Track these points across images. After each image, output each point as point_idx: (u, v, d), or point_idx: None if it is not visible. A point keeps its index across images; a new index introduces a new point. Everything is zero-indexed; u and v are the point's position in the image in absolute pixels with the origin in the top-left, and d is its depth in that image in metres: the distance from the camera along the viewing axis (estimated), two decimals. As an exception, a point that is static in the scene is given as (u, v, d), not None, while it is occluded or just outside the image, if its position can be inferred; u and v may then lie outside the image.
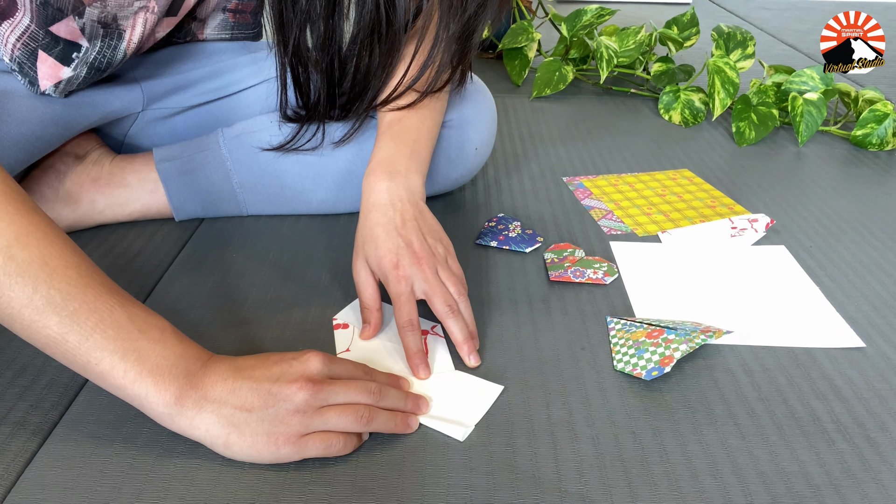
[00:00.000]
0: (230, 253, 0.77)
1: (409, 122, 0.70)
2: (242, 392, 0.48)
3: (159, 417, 0.48)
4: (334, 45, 0.69)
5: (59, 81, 0.71)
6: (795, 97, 1.14)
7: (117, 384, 0.46)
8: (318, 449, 0.49)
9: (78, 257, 0.47)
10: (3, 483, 0.49)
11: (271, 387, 0.48)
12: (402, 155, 0.68)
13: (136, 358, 0.46)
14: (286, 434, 0.48)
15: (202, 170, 0.81)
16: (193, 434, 0.48)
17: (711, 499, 0.49)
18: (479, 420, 0.55)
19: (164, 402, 0.47)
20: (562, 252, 0.79)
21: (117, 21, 0.68)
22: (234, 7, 0.85)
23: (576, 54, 1.42)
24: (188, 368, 0.48)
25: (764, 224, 0.83)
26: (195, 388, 0.48)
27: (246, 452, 0.48)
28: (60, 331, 0.45)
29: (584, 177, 1.00)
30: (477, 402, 0.57)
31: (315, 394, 0.49)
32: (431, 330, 0.65)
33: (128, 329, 0.46)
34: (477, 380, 0.59)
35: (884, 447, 0.54)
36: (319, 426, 0.49)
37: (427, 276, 0.61)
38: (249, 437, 0.48)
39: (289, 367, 0.50)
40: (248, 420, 0.48)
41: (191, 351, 0.49)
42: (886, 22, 1.94)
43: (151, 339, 0.47)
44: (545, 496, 0.49)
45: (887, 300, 0.73)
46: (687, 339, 0.61)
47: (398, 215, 0.63)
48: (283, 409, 0.48)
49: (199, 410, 0.47)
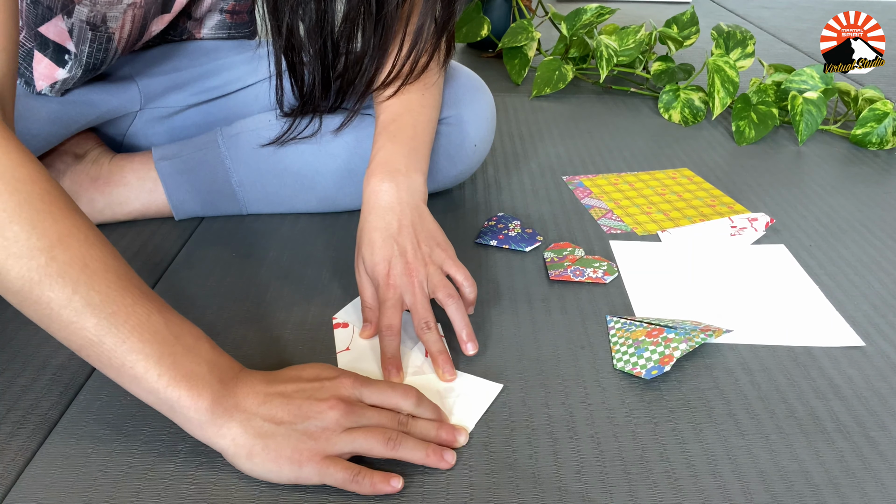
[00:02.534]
0: (230, 252, 0.77)
1: (405, 120, 0.70)
2: (274, 405, 0.48)
3: (188, 423, 0.47)
4: (326, 26, 0.70)
5: (55, 82, 0.71)
6: (795, 96, 1.14)
7: (150, 388, 0.46)
8: (341, 477, 0.47)
9: (117, 261, 0.47)
10: (4, 482, 0.49)
11: (303, 403, 0.48)
12: (402, 154, 0.68)
13: (172, 363, 0.46)
14: (311, 451, 0.47)
15: (201, 168, 0.81)
16: (219, 444, 0.47)
17: (711, 497, 0.49)
18: (478, 419, 0.55)
19: (197, 407, 0.46)
20: (561, 251, 0.79)
21: (106, 23, 0.68)
22: (231, 8, 0.85)
23: (576, 53, 1.42)
24: (222, 377, 0.48)
25: (764, 223, 0.83)
26: (228, 397, 0.47)
27: (267, 467, 0.47)
28: (97, 333, 0.45)
29: (583, 176, 1.00)
30: (476, 401, 0.57)
31: (346, 414, 0.48)
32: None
33: (164, 334, 0.46)
34: (476, 379, 0.59)
35: (883, 446, 0.54)
36: (346, 447, 0.48)
37: (414, 290, 0.61)
38: (274, 451, 0.47)
39: (321, 386, 0.50)
40: (275, 433, 0.47)
41: (224, 361, 0.49)
42: (886, 22, 1.94)
43: (186, 346, 0.47)
44: (545, 495, 0.49)
45: (887, 299, 0.73)
46: (686, 338, 0.61)
47: (396, 220, 0.64)
48: (313, 425, 0.48)
49: (228, 419, 0.47)
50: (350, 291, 0.71)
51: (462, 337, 0.61)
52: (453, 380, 0.59)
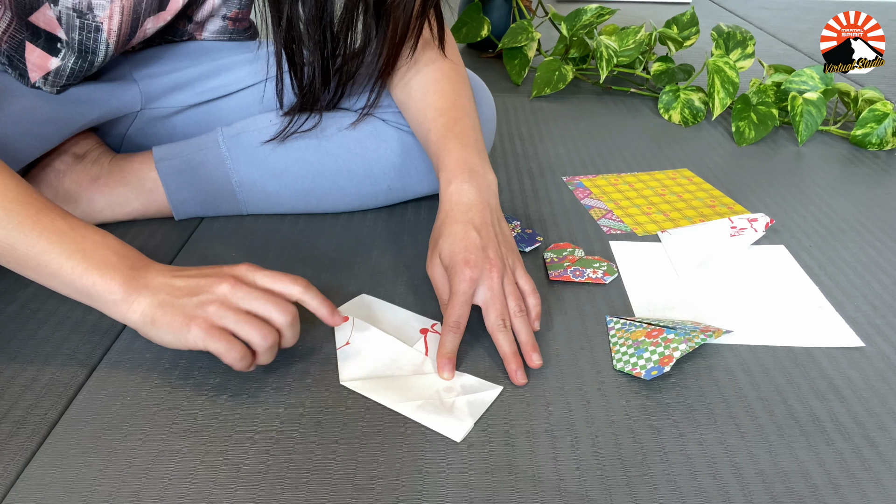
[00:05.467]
0: (230, 252, 0.77)
1: (464, 124, 0.71)
2: (177, 282, 0.55)
3: (105, 306, 0.54)
4: (326, 16, 0.70)
5: (48, 72, 0.71)
6: (795, 97, 1.14)
7: (66, 280, 0.53)
8: (220, 346, 0.53)
9: (17, 184, 0.54)
10: (3, 482, 0.49)
11: (201, 279, 0.55)
12: (474, 155, 0.69)
13: (82, 256, 0.53)
14: (200, 318, 0.53)
15: (202, 169, 0.81)
16: (130, 318, 0.54)
17: (711, 498, 0.49)
18: (477, 419, 0.55)
19: (110, 289, 0.53)
20: (561, 251, 0.79)
21: (93, 10, 0.68)
22: (234, 16, 0.85)
23: (575, 54, 1.42)
24: (132, 265, 0.55)
25: (763, 224, 0.83)
26: (137, 279, 0.54)
27: (164, 332, 0.54)
28: (9, 241, 0.52)
29: (583, 176, 1.00)
30: (475, 402, 0.57)
31: (235, 289, 0.54)
32: (431, 328, 0.65)
33: (70, 235, 0.53)
34: (476, 380, 0.59)
35: (883, 446, 0.54)
36: (230, 324, 0.53)
37: (493, 285, 0.61)
38: (170, 317, 0.53)
39: (220, 269, 0.57)
40: (174, 303, 0.54)
41: (133, 253, 0.56)
42: (886, 22, 1.94)
43: (94, 243, 0.54)
44: (545, 496, 0.49)
45: (887, 300, 0.73)
46: (686, 339, 0.61)
47: (479, 216, 0.64)
48: (205, 298, 0.54)
49: (138, 295, 0.54)
50: (349, 292, 0.71)
51: (528, 350, 0.61)
52: (524, 383, 0.59)
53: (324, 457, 0.51)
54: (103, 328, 0.64)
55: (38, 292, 0.69)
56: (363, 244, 0.79)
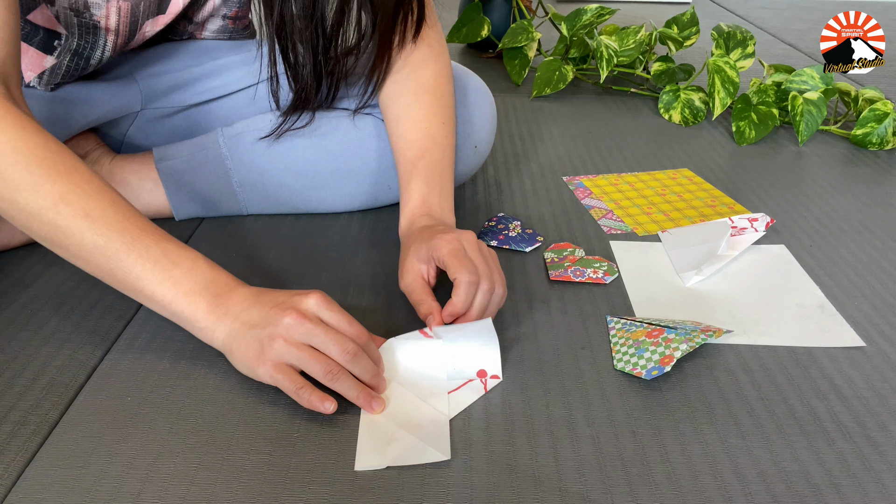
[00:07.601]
0: (230, 252, 0.77)
1: (431, 157, 0.72)
2: (252, 312, 0.55)
3: (194, 331, 0.57)
4: (317, 13, 0.70)
5: (43, 71, 0.71)
6: (795, 96, 1.14)
7: (160, 305, 0.56)
8: (286, 385, 0.53)
9: (115, 207, 0.55)
10: (4, 482, 0.49)
11: (270, 310, 0.55)
12: (435, 194, 0.70)
13: (172, 284, 0.55)
14: (266, 356, 0.54)
15: (202, 169, 0.81)
16: (215, 345, 0.57)
17: (711, 498, 0.49)
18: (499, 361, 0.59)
19: (196, 318, 0.56)
20: (562, 251, 0.78)
21: (90, 9, 0.68)
22: (234, 14, 0.85)
23: (576, 54, 1.42)
24: (216, 291, 0.56)
25: (764, 223, 0.83)
26: (220, 306, 0.56)
27: (239, 363, 0.56)
28: (109, 267, 0.55)
29: (584, 176, 1.00)
30: (487, 343, 0.59)
31: (297, 325, 0.54)
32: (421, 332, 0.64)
33: (162, 263, 0.55)
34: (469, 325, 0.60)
35: (883, 446, 0.54)
36: (293, 359, 0.54)
37: (492, 275, 0.62)
38: (243, 351, 0.55)
39: (289, 299, 0.56)
40: (246, 335, 0.55)
41: (221, 278, 0.57)
42: (886, 22, 1.94)
43: (184, 269, 0.56)
44: (545, 495, 0.49)
45: (887, 299, 0.73)
46: (687, 339, 0.61)
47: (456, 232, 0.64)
48: (272, 331, 0.54)
49: (220, 324, 0.56)
50: (349, 292, 0.71)
51: (472, 314, 0.61)
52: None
53: (324, 457, 0.51)
54: (104, 329, 0.64)
55: (39, 293, 0.69)
56: (363, 244, 0.79)
